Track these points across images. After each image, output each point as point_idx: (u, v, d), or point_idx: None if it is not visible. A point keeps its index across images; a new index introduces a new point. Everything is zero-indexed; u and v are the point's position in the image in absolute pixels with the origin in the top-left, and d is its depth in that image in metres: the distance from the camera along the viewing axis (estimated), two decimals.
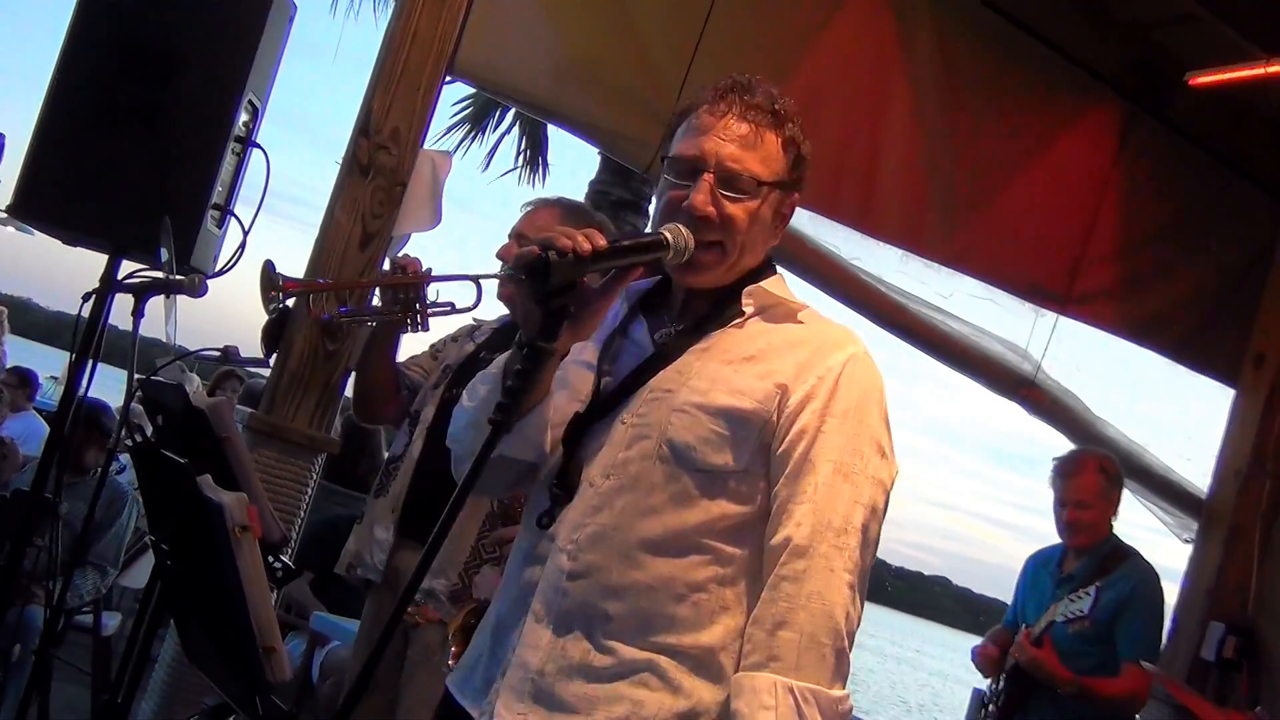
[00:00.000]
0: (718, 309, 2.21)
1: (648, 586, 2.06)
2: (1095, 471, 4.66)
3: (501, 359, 2.18)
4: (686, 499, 2.08)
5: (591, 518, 2.09)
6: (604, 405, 2.17)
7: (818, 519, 2.04)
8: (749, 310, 2.20)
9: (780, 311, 2.22)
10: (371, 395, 3.95)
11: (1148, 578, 4.59)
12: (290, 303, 4.02)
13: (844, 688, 2.02)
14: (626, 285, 2.13)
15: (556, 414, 2.21)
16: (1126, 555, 4.63)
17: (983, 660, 4.87)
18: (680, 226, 2.10)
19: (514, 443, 2.14)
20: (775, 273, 2.28)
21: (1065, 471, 4.72)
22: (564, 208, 3.91)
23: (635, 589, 2.06)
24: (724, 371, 2.12)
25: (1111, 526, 4.72)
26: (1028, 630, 4.58)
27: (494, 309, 3.93)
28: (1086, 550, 4.67)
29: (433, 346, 3.98)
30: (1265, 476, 6.12)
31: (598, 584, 2.07)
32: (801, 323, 2.21)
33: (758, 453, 2.10)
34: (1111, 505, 4.69)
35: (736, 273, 2.21)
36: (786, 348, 2.15)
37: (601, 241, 1.98)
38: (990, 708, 4.72)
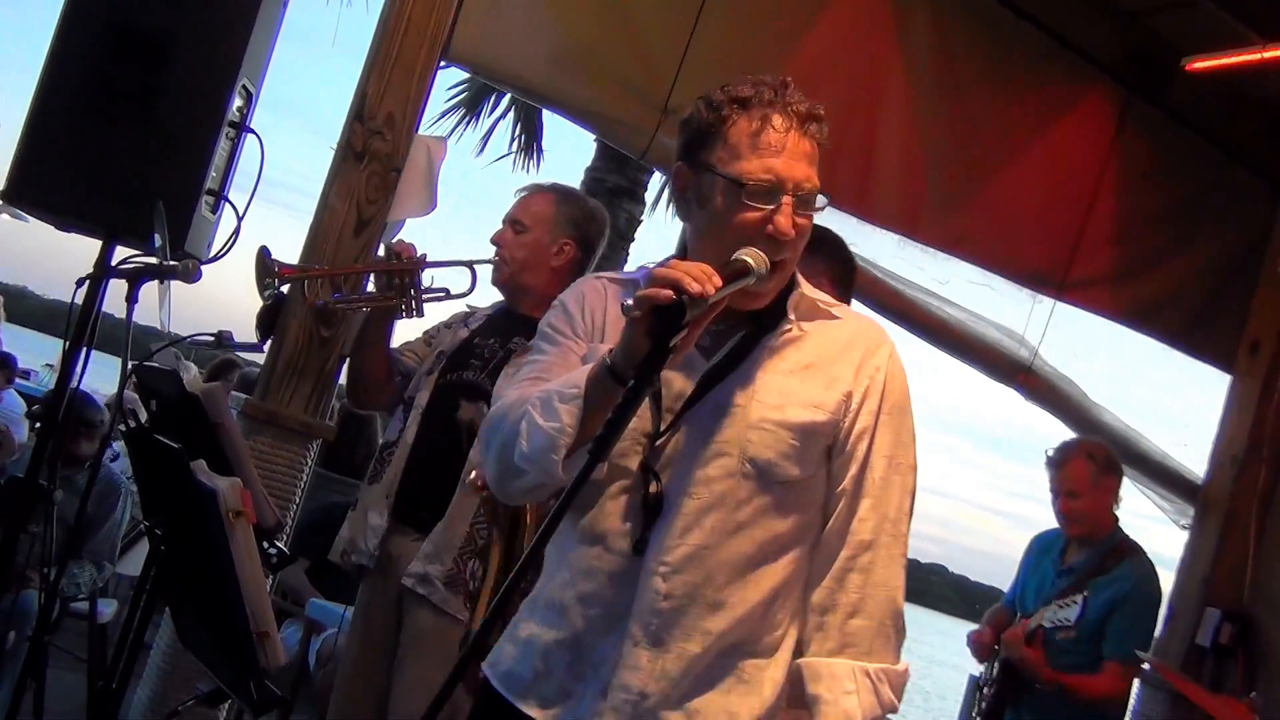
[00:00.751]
0: (758, 314, 2.25)
1: (742, 599, 2.17)
2: (1084, 460, 4.65)
3: (574, 377, 2.13)
4: (771, 511, 2.18)
5: (682, 538, 2.15)
6: (672, 424, 2.20)
7: (878, 513, 2.21)
8: (793, 316, 2.27)
9: (807, 306, 2.29)
10: (365, 381, 3.95)
11: (1145, 578, 4.59)
12: (285, 289, 4.01)
13: (901, 659, 2.22)
14: (712, 316, 2.09)
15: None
16: (1128, 552, 4.62)
17: (976, 645, 4.88)
18: (759, 252, 2.12)
19: (576, 465, 2.11)
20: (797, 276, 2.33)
21: (1055, 461, 4.72)
22: (558, 193, 3.91)
23: (731, 603, 2.16)
24: (790, 384, 2.21)
25: (1115, 519, 4.71)
26: (1020, 625, 4.58)
27: (489, 295, 3.93)
28: (1088, 542, 4.66)
29: (426, 333, 3.98)
30: (1261, 462, 6.11)
31: (695, 603, 2.15)
32: (836, 317, 2.31)
33: (821, 455, 2.23)
34: (1105, 493, 4.67)
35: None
36: (839, 352, 2.26)
37: (719, 281, 2.00)
38: (985, 691, 4.72)
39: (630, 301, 1.97)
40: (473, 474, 3.03)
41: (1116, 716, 4.66)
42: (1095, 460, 4.64)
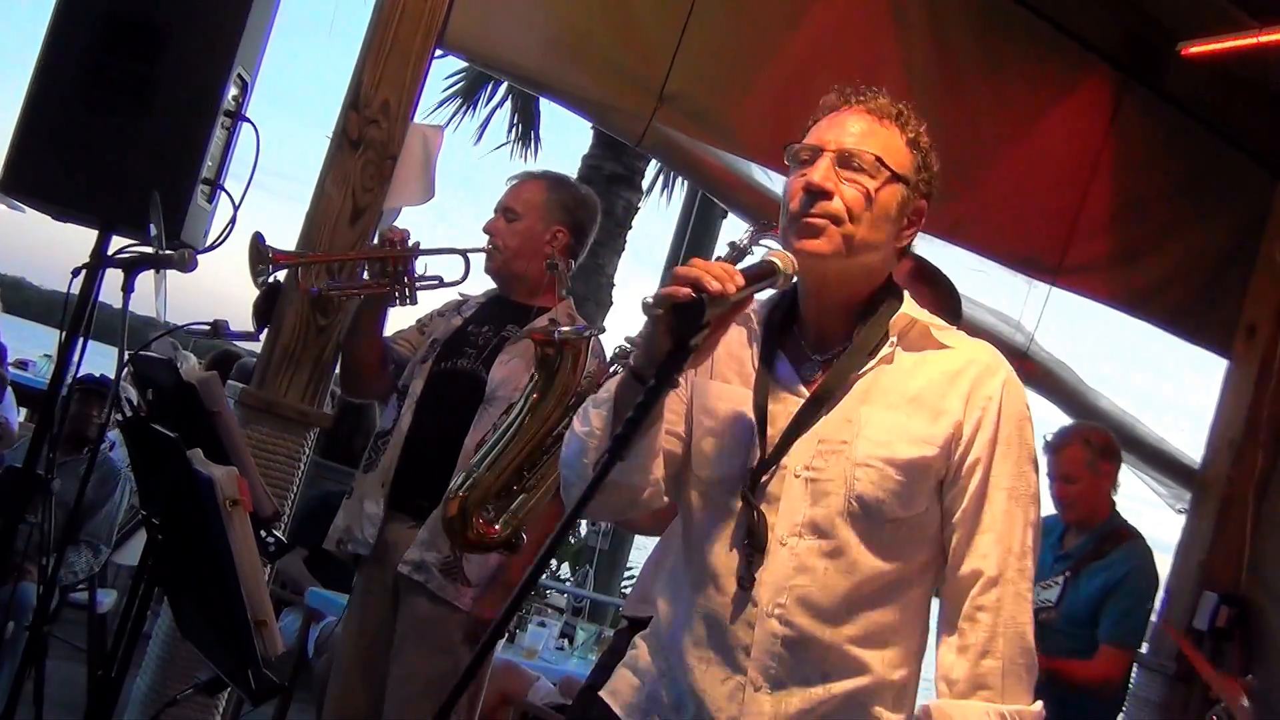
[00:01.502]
0: (858, 335, 2.20)
1: (862, 639, 2.13)
2: (1080, 445, 4.64)
3: (612, 384, 2.16)
4: (884, 551, 2.13)
5: (794, 579, 2.12)
6: (774, 456, 2.17)
7: (1002, 548, 2.12)
8: (895, 340, 2.19)
9: (917, 333, 2.22)
10: (358, 370, 3.95)
11: (1142, 563, 4.58)
12: (281, 276, 4.02)
13: (1035, 699, 2.13)
14: (738, 316, 2.10)
15: (706, 459, 2.24)
16: (1125, 538, 4.61)
17: None
18: (788, 255, 2.09)
19: (623, 469, 2.10)
20: (903, 292, 2.27)
21: (1052, 446, 4.71)
22: (550, 180, 3.91)
23: (849, 644, 2.13)
24: (895, 419, 2.14)
25: (1112, 504, 4.70)
26: None
27: (482, 283, 3.94)
28: (1085, 528, 4.66)
29: (419, 321, 3.99)
30: (1258, 447, 6.12)
31: (813, 646, 2.12)
32: (944, 345, 2.21)
33: (934, 490, 2.16)
34: (1102, 479, 4.66)
35: (861, 267, 2.19)
36: (946, 382, 2.17)
37: (741, 280, 1.98)
38: None
39: (650, 299, 1.96)
40: None
41: (1113, 701, 4.66)
42: (1092, 445, 4.63)
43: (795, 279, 2.11)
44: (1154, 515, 6.65)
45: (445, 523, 3.24)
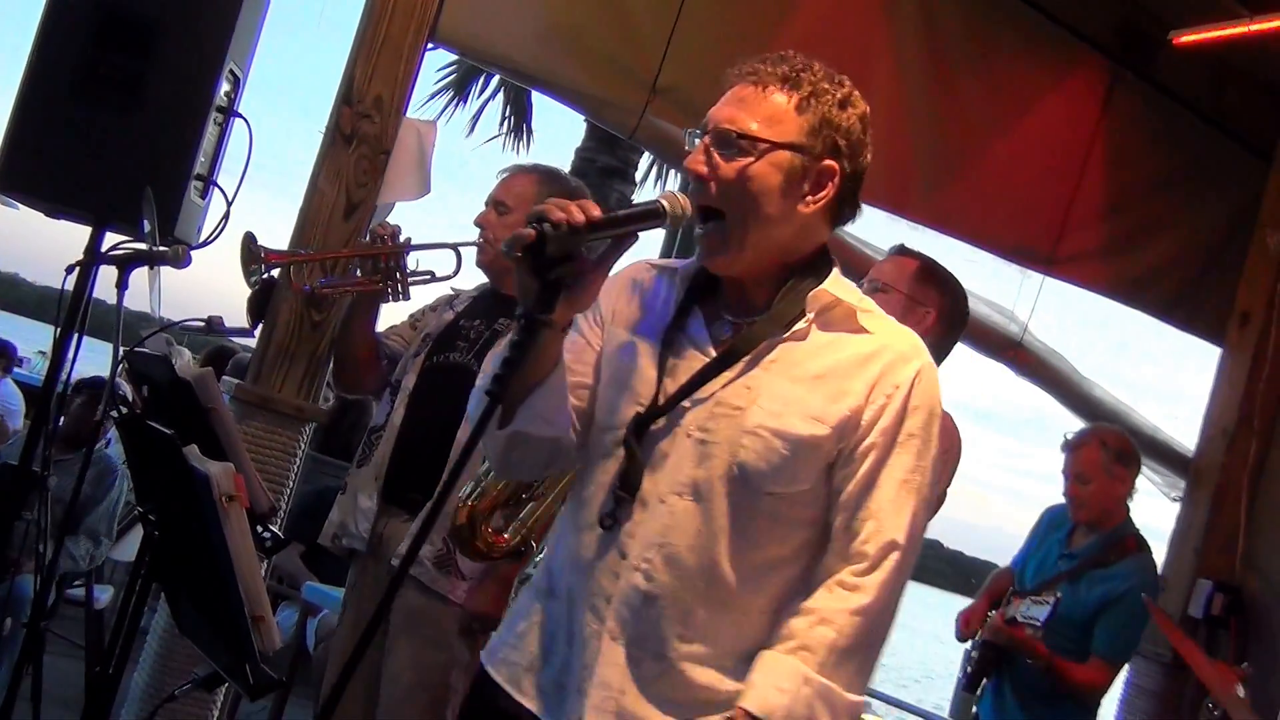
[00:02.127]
0: (776, 305, 2.15)
1: (722, 609, 2.09)
2: (1096, 446, 4.61)
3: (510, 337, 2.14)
4: (758, 521, 2.09)
5: (664, 537, 2.08)
6: (664, 408, 2.13)
7: (881, 536, 2.07)
8: (811, 315, 2.14)
9: (840, 313, 2.16)
10: (351, 364, 3.95)
11: (1145, 580, 4.55)
12: (275, 273, 4.02)
13: (861, 694, 2.08)
14: (620, 255, 2.08)
15: (603, 405, 2.20)
16: (1132, 549, 4.59)
17: (963, 622, 4.86)
18: (677, 194, 2.07)
19: (528, 419, 2.10)
20: (831, 267, 2.20)
21: (1070, 445, 4.70)
22: (541, 172, 3.91)
23: (710, 612, 2.09)
24: (795, 392, 2.09)
25: (1126, 510, 4.67)
26: (1001, 613, 4.61)
27: (474, 277, 3.94)
28: (1095, 530, 4.63)
29: (411, 316, 3.98)
30: (1252, 435, 6.12)
31: (673, 607, 2.08)
32: (864, 329, 2.15)
33: (823, 471, 2.11)
34: (1117, 482, 4.60)
35: (763, 247, 2.13)
36: (856, 365, 2.11)
37: (596, 212, 1.95)
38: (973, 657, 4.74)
39: (504, 245, 1.94)
40: None
41: (1091, 705, 4.66)
42: (1108, 448, 4.62)
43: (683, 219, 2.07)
44: (1148, 504, 6.65)
45: (453, 531, 3.23)
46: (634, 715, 2.08)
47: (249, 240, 3.76)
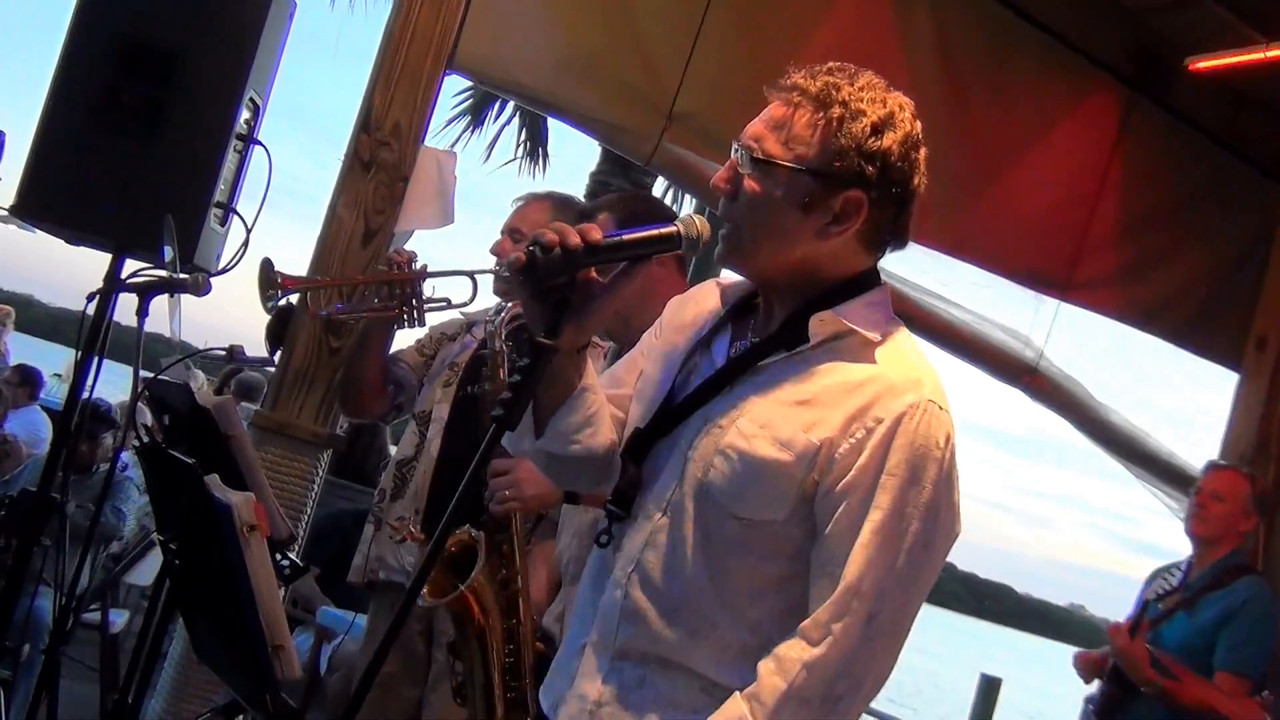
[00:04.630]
0: (787, 328, 2.06)
1: (693, 635, 2.00)
2: (1245, 479, 4.68)
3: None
4: (727, 547, 1.99)
5: (641, 554, 2.04)
6: (667, 424, 2.09)
7: (847, 588, 1.91)
8: (816, 338, 2.01)
9: (854, 343, 2.02)
10: (358, 389, 3.94)
11: (1262, 593, 4.52)
12: (294, 299, 4.03)
13: None
14: (634, 279, 2.02)
15: (630, 419, 2.17)
16: (1247, 571, 4.60)
17: (1083, 664, 4.79)
18: (695, 217, 2.02)
19: (551, 437, 2.09)
20: (865, 292, 2.09)
21: (1214, 465, 4.79)
22: (555, 201, 3.91)
23: (681, 636, 2.01)
24: (774, 414, 1.98)
25: (1241, 543, 4.67)
26: (1124, 623, 4.47)
27: (483, 301, 3.94)
28: (1207, 557, 4.63)
29: (419, 342, 3.98)
30: (1270, 460, 6.11)
31: (644, 626, 2.02)
32: (874, 361, 2.01)
33: (799, 505, 1.97)
34: (1246, 517, 4.62)
35: (775, 265, 2.05)
36: (843, 393, 1.97)
37: (595, 235, 1.92)
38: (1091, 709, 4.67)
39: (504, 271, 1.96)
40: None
41: None
42: (1255, 485, 4.66)
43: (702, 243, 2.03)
44: (1166, 527, 6.62)
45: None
46: None
47: (266, 266, 3.77)
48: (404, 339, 4.01)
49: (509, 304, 3.85)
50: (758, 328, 2.13)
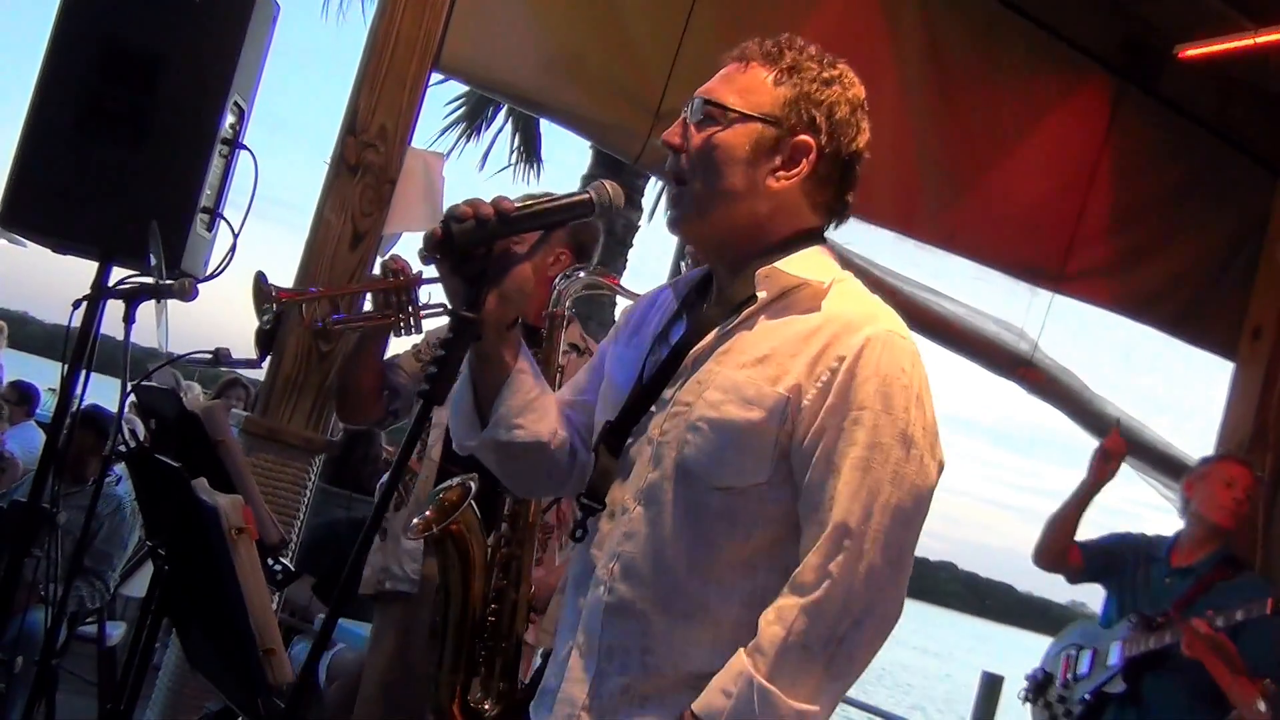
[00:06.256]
0: (726, 289, 2.07)
1: (685, 620, 1.97)
2: (1256, 478, 4.64)
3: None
4: (712, 522, 1.97)
5: (621, 546, 2.01)
6: (635, 413, 2.07)
7: (835, 527, 1.89)
8: (762, 296, 2.01)
9: (805, 294, 2.01)
10: (355, 395, 3.92)
11: (1268, 589, 4.41)
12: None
13: (817, 701, 1.88)
14: (549, 247, 2.08)
15: (597, 420, 2.16)
16: (1244, 565, 4.58)
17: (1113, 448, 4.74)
18: (608, 183, 2.04)
19: (495, 424, 2.10)
20: (807, 246, 2.08)
21: (1234, 459, 4.77)
22: None
23: (671, 623, 1.98)
24: (736, 377, 1.96)
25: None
26: (1201, 619, 4.32)
27: None
28: (1215, 542, 4.58)
29: (415, 347, 3.96)
30: (1267, 449, 6.10)
31: (633, 620, 1.99)
32: (816, 308, 2.00)
33: (779, 465, 1.96)
34: (1253, 514, 4.66)
35: (729, 221, 2.05)
36: (799, 341, 1.96)
37: (507, 205, 1.94)
38: (1078, 695, 4.64)
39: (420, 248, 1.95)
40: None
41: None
42: (1262, 485, 4.64)
43: (611, 208, 2.05)
44: (1162, 520, 6.61)
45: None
46: None
47: (260, 279, 3.73)
48: (402, 344, 3.98)
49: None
50: (714, 301, 2.12)
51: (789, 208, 2.07)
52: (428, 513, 2.82)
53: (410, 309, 3.78)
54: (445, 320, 3.90)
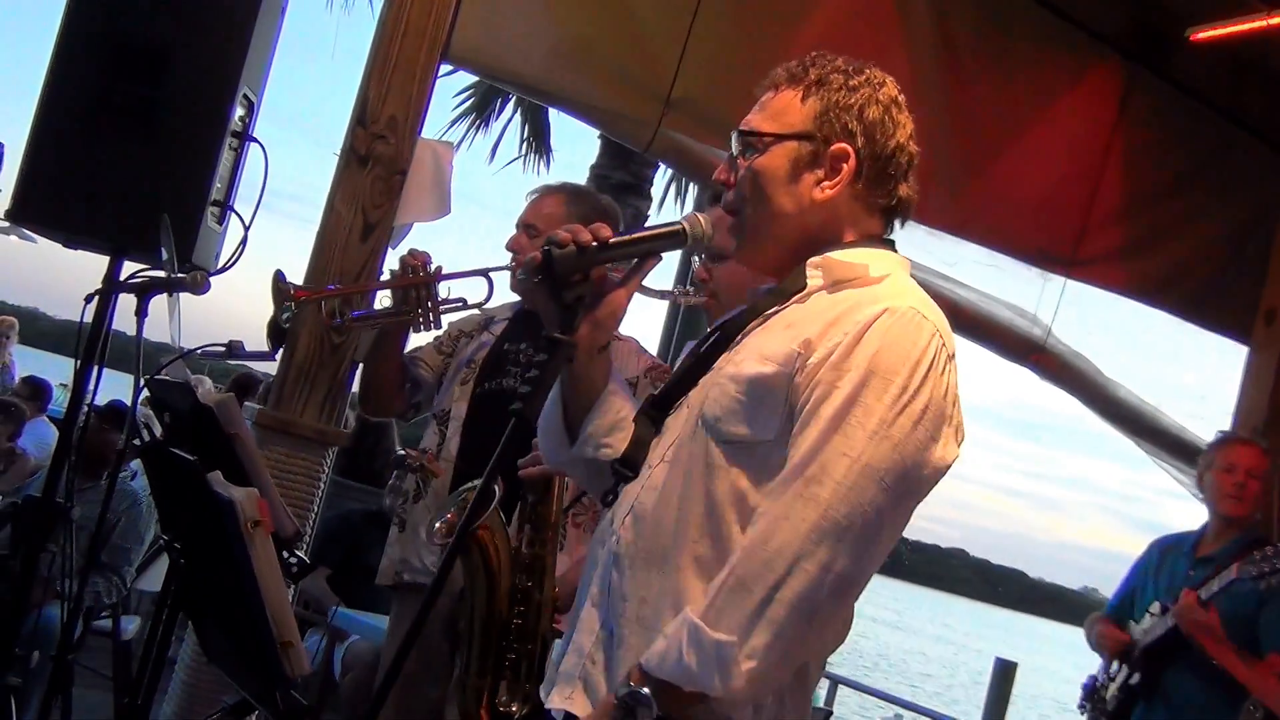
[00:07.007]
0: (791, 285, 2.11)
1: (678, 566, 2.00)
2: (1263, 453, 4.62)
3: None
4: (715, 472, 2.00)
5: (637, 497, 2.07)
6: (683, 386, 2.14)
7: (792, 469, 1.91)
8: (815, 283, 2.07)
9: (856, 284, 2.06)
10: (378, 389, 3.93)
11: None
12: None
13: (738, 634, 1.85)
14: (643, 275, 2.12)
15: None
16: (1270, 543, 4.50)
17: (1109, 639, 4.74)
18: (700, 215, 2.12)
19: (581, 443, 2.18)
20: (867, 245, 2.13)
21: (1238, 440, 4.72)
22: (568, 192, 3.89)
23: (668, 568, 2.00)
24: (764, 340, 2.05)
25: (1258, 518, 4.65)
26: (1194, 590, 4.37)
27: (499, 297, 3.91)
28: (1229, 532, 4.58)
29: (436, 339, 3.96)
30: None
31: (636, 565, 2.03)
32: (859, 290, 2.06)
33: (787, 423, 1.98)
34: (1266, 492, 4.61)
35: (784, 238, 2.12)
36: (827, 308, 2.02)
37: (605, 234, 2.01)
38: (1111, 691, 4.63)
39: (520, 272, 2.03)
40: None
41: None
42: (1271, 460, 4.60)
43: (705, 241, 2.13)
44: (1176, 506, 6.58)
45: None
46: (595, 686, 2.04)
47: (278, 278, 3.72)
48: (423, 336, 3.98)
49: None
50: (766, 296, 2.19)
51: (842, 216, 2.14)
52: (448, 515, 2.82)
53: (429, 304, 3.78)
54: (465, 314, 3.92)
